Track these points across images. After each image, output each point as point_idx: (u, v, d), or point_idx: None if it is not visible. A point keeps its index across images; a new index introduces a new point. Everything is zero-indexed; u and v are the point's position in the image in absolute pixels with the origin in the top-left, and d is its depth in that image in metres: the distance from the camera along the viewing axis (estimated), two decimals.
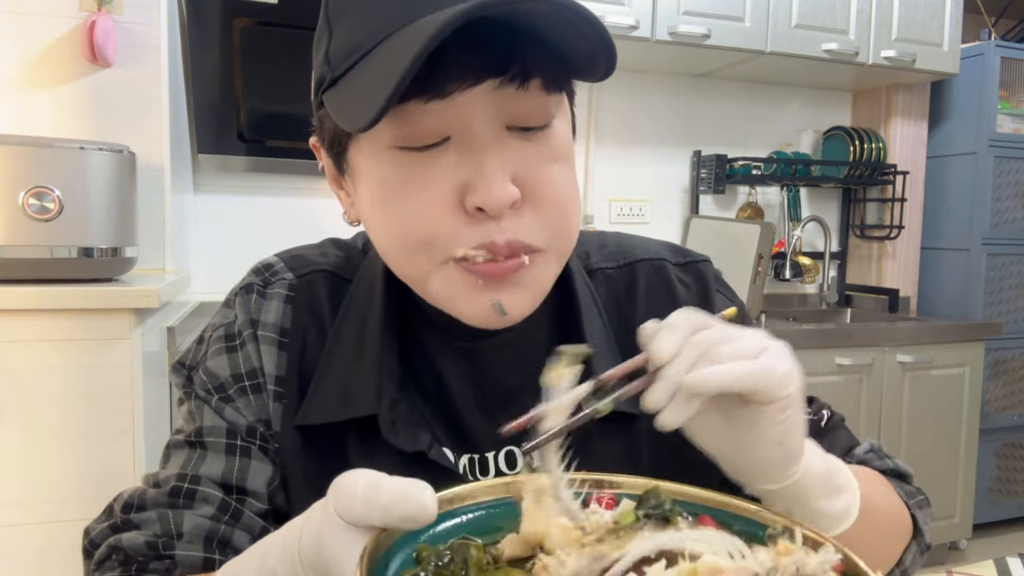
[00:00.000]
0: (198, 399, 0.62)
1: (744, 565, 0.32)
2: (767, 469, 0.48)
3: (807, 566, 0.31)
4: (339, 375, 0.60)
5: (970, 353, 2.62)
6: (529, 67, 0.48)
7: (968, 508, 2.69)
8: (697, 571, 0.32)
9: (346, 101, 0.48)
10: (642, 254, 0.69)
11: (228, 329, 0.63)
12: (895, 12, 2.61)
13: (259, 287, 0.64)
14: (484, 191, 0.48)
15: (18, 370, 1.38)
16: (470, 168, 0.49)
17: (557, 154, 0.52)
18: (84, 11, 1.72)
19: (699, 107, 2.85)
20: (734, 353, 0.45)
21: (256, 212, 2.27)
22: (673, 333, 0.45)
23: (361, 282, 0.63)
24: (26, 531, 1.39)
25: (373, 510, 0.37)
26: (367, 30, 0.48)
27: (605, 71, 0.49)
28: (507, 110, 0.49)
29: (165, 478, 0.59)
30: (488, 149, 0.49)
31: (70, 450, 1.41)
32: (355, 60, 0.49)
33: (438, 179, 0.49)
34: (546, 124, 0.51)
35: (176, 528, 0.56)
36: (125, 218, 1.56)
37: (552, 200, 0.51)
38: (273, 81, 2.02)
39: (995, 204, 2.82)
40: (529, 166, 0.50)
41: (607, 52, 0.47)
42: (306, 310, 0.63)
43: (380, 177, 0.51)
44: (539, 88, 0.49)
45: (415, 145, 0.49)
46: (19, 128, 1.68)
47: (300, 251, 0.68)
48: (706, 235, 2.72)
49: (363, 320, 0.61)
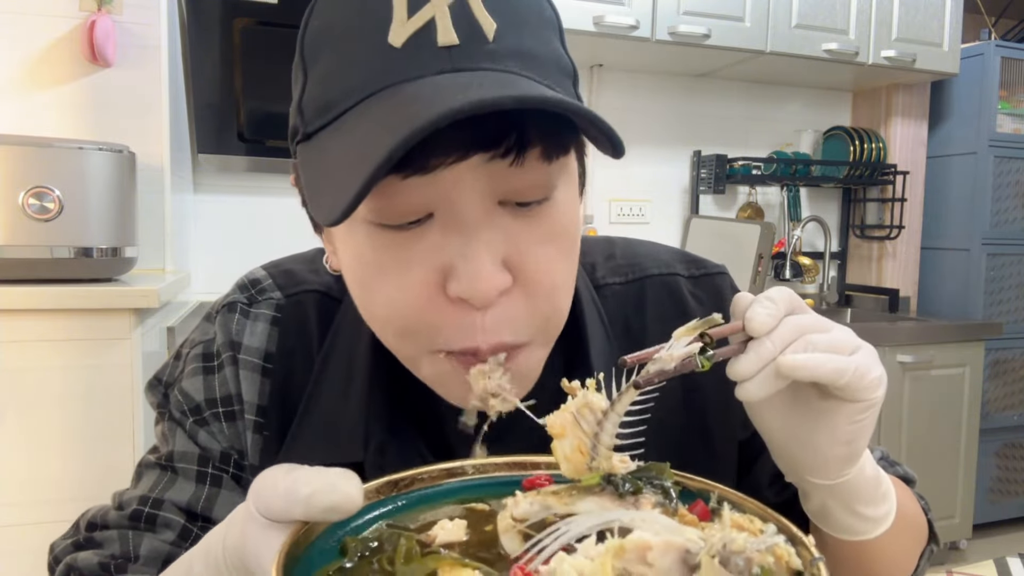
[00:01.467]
0: (172, 420, 0.60)
1: (670, 540, 0.31)
2: (825, 464, 0.46)
3: (735, 543, 0.30)
4: (325, 413, 0.56)
5: (970, 353, 2.62)
6: (526, 138, 0.41)
7: (968, 508, 2.69)
8: (624, 547, 0.31)
9: (313, 181, 0.44)
10: (652, 268, 0.64)
11: (207, 348, 0.60)
12: (895, 12, 2.61)
13: (243, 306, 0.60)
14: (468, 281, 0.42)
15: (18, 370, 1.38)
16: (455, 250, 0.43)
17: (556, 231, 0.46)
18: (84, 11, 1.72)
19: (699, 107, 2.85)
20: (828, 344, 0.43)
21: (256, 212, 2.27)
22: (771, 308, 0.43)
23: (350, 309, 0.58)
24: (26, 531, 1.39)
25: (294, 504, 0.36)
26: (342, 86, 0.43)
27: (613, 154, 0.43)
28: (499, 185, 0.43)
29: (129, 499, 0.57)
30: (475, 230, 0.43)
31: (70, 450, 1.41)
32: (327, 120, 0.44)
33: (418, 261, 0.44)
34: (545, 198, 0.45)
35: (134, 550, 0.55)
36: (125, 218, 1.56)
37: (545, 287, 0.46)
38: (273, 81, 2.02)
39: (995, 204, 2.82)
40: (523, 248, 0.44)
41: (610, 144, 0.42)
42: (294, 334, 0.59)
43: (355, 252, 0.46)
44: (538, 158, 0.43)
45: (393, 223, 0.43)
46: (19, 128, 1.68)
47: (290, 265, 0.64)
48: (706, 235, 2.72)
49: (351, 354, 0.57)
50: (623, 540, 0.32)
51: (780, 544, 0.31)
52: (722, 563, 0.30)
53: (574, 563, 0.31)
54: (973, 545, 2.80)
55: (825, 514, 0.50)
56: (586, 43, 2.33)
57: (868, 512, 0.49)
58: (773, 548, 0.31)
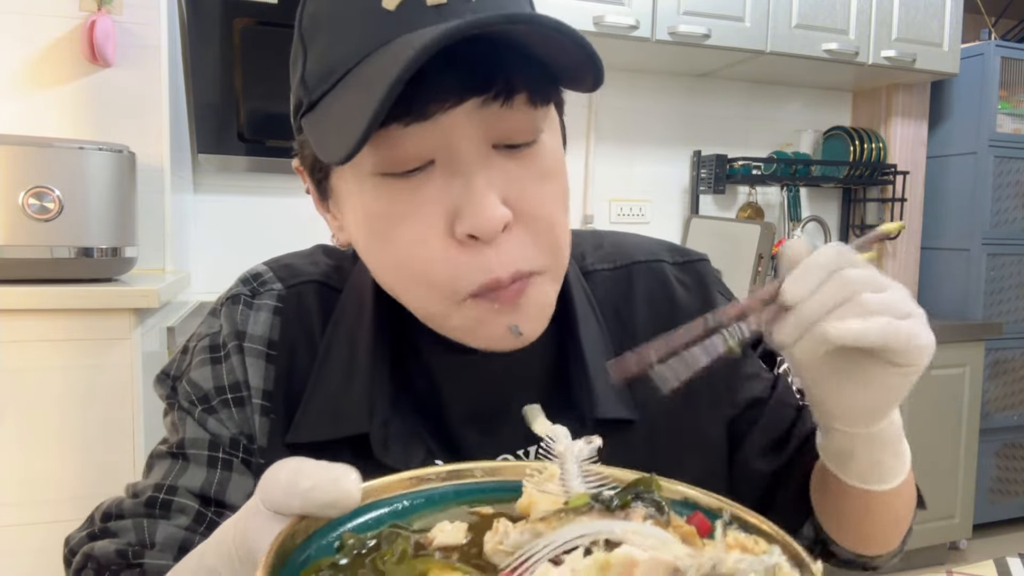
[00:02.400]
0: (181, 410, 0.61)
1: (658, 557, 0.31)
2: (860, 417, 0.48)
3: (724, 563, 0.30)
4: (330, 392, 0.58)
5: (970, 353, 2.62)
6: (513, 82, 0.46)
7: (968, 508, 2.69)
8: (610, 562, 0.31)
9: (323, 130, 0.47)
10: (639, 255, 0.68)
11: (213, 340, 0.62)
12: (895, 12, 2.61)
13: (246, 297, 0.62)
14: (473, 216, 0.46)
15: (18, 370, 1.38)
16: (457, 192, 0.47)
17: (546, 170, 0.50)
18: (84, 11, 1.72)
19: (699, 107, 2.85)
20: (882, 305, 0.42)
21: (256, 212, 2.27)
22: (809, 273, 0.43)
23: (351, 294, 0.62)
24: (25, 531, 1.39)
25: (293, 497, 0.36)
26: (341, 51, 0.47)
27: (593, 83, 0.47)
28: (492, 128, 0.47)
29: (143, 488, 0.58)
30: (475, 171, 0.47)
31: (70, 450, 1.41)
32: (331, 84, 0.47)
33: (426, 207, 0.48)
34: (534, 140, 0.49)
35: (150, 537, 0.56)
36: (125, 218, 1.56)
37: (545, 220, 0.50)
38: (273, 81, 2.02)
39: (995, 204, 2.82)
40: (519, 186, 0.49)
41: (593, 66, 0.45)
42: (295, 322, 0.61)
43: (365, 206, 0.50)
44: (524, 103, 0.47)
45: (398, 171, 0.47)
46: (19, 128, 1.68)
47: (289, 260, 0.66)
48: (706, 235, 2.72)
49: (353, 335, 0.59)
50: (609, 555, 0.31)
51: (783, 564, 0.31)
52: None
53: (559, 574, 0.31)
54: (973, 545, 2.80)
55: (845, 460, 0.52)
56: None
57: (888, 463, 0.51)
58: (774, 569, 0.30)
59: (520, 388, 0.60)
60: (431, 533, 0.38)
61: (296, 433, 0.58)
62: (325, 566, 0.35)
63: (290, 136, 0.55)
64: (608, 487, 0.41)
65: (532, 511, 0.40)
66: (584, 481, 0.41)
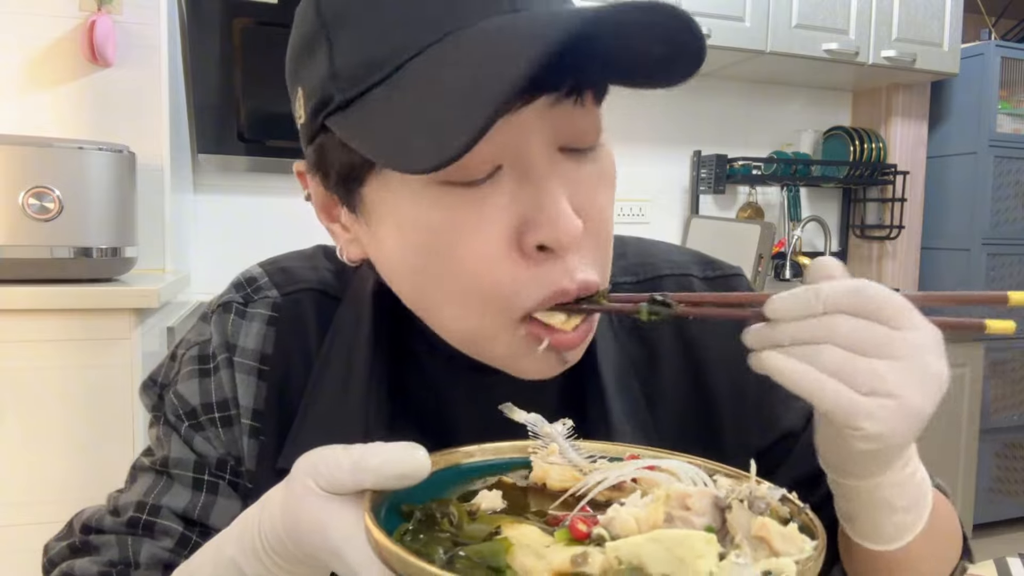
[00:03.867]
0: (167, 424, 0.58)
1: (706, 490, 0.37)
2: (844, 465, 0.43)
3: (759, 489, 0.37)
4: (324, 412, 0.55)
5: (970, 353, 2.62)
6: (583, 78, 0.42)
7: (968, 508, 2.69)
8: (669, 495, 0.36)
9: (396, 130, 0.39)
10: (665, 268, 0.62)
11: (202, 350, 0.58)
12: (895, 12, 2.61)
13: (239, 305, 0.58)
14: (550, 226, 0.42)
15: (18, 370, 1.38)
16: (529, 200, 0.42)
17: (607, 177, 0.47)
18: (84, 11, 1.72)
19: (699, 107, 2.85)
20: (837, 366, 0.37)
21: (256, 212, 2.27)
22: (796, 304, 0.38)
23: (349, 306, 0.57)
24: (25, 531, 1.38)
25: (363, 473, 0.37)
26: (389, 42, 0.41)
27: (683, 76, 0.41)
28: (562, 130, 0.43)
29: (125, 505, 0.56)
30: (547, 177, 0.42)
31: (70, 450, 1.41)
32: (384, 75, 0.41)
33: (493, 218, 0.42)
34: (599, 142, 0.46)
35: (134, 556, 0.54)
36: (125, 218, 1.56)
37: (606, 231, 0.47)
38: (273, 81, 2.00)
39: (995, 204, 2.82)
40: (585, 192, 0.45)
41: (696, 57, 0.40)
42: (291, 334, 0.57)
43: (417, 220, 0.44)
44: (591, 102, 0.44)
45: (464, 180, 0.42)
46: (19, 128, 1.68)
47: (287, 263, 0.61)
48: (706, 235, 2.72)
49: (350, 350, 0.55)
50: (668, 489, 0.37)
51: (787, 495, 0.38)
52: (749, 506, 0.36)
53: (629, 511, 0.35)
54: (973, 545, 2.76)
55: (850, 517, 0.47)
56: None
57: (894, 519, 0.45)
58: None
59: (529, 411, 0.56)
60: (475, 500, 0.40)
61: (287, 458, 0.54)
62: (402, 532, 0.36)
63: (290, 136, 0.51)
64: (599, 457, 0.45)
65: (547, 479, 0.43)
66: (578, 453, 0.44)
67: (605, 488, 0.40)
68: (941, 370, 0.39)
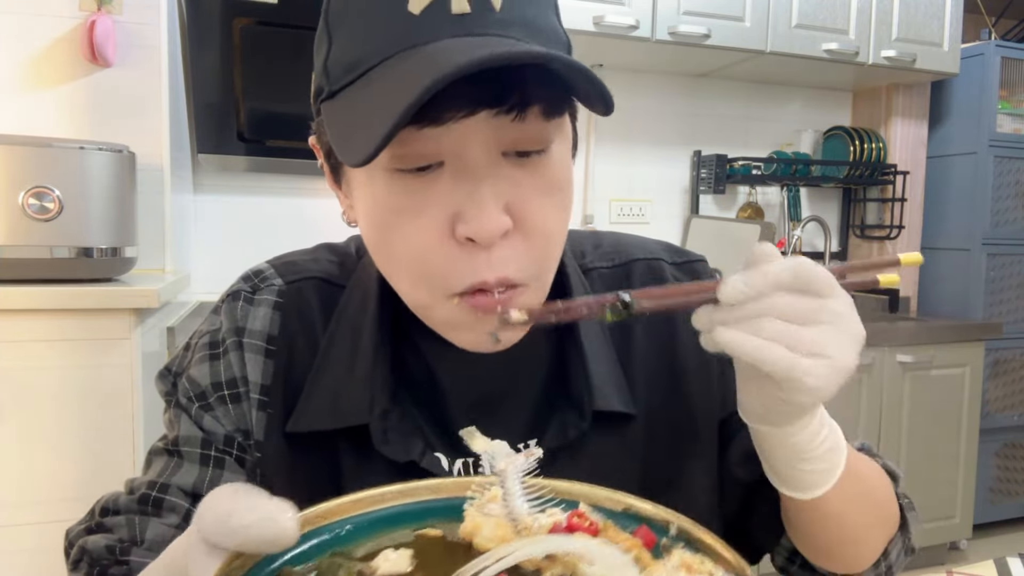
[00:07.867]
0: (179, 407, 0.62)
1: None
2: (757, 415, 0.49)
3: None
4: (331, 385, 0.59)
5: (970, 353, 2.62)
6: (528, 97, 0.47)
7: (968, 508, 2.69)
8: None
9: (342, 128, 0.48)
10: (638, 253, 0.69)
11: (213, 337, 0.62)
12: (895, 12, 2.61)
13: (247, 293, 0.63)
14: (475, 221, 0.47)
15: (18, 370, 1.38)
16: (463, 195, 0.48)
17: (552, 182, 0.51)
18: (84, 11, 1.72)
19: (699, 107, 2.85)
20: (776, 334, 0.43)
21: (256, 212, 2.27)
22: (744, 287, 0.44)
23: (355, 289, 0.62)
24: (25, 531, 1.39)
25: (228, 534, 0.36)
26: (367, 47, 0.47)
27: (604, 111, 0.48)
28: (503, 137, 0.48)
29: (139, 484, 0.59)
30: (482, 177, 0.48)
31: (69, 450, 1.41)
32: (353, 77, 0.48)
33: (431, 205, 0.49)
34: (543, 149, 0.50)
35: (140, 534, 0.57)
36: (125, 218, 1.56)
37: (541, 232, 0.51)
38: (273, 81, 2.02)
39: (995, 204, 2.82)
40: (523, 195, 0.50)
41: (603, 101, 0.46)
42: (295, 317, 0.62)
43: (374, 197, 0.51)
44: (538, 116, 0.48)
45: (409, 167, 0.48)
46: (19, 128, 1.68)
47: (292, 257, 0.67)
48: (706, 235, 2.72)
49: (357, 330, 0.60)
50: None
51: None
52: None
53: None
54: (973, 545, 2.80)
55: (771, 464, 0.53)
56: (586, 43, 2.33)
57: (808, 467, 0.51)
58: None
59: (519, 381, 0.61)
60: (375, 562, 0.37)
61: (296, 422, 0.59)
62: None
63: (290, 136, 0.55)
64: (551, 503, 0.42)
65: (476, 535, 0.40)
66: (526, 498, 0.42)
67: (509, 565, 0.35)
68: (860, 330, 0.46)
